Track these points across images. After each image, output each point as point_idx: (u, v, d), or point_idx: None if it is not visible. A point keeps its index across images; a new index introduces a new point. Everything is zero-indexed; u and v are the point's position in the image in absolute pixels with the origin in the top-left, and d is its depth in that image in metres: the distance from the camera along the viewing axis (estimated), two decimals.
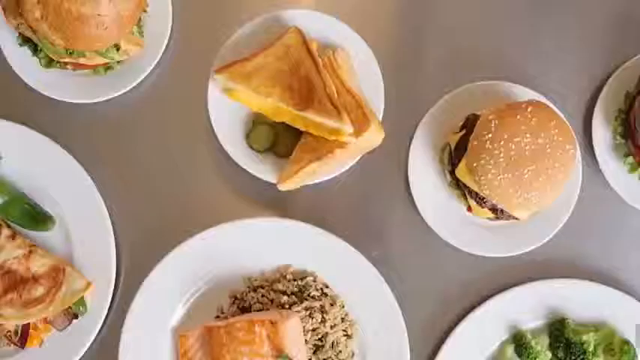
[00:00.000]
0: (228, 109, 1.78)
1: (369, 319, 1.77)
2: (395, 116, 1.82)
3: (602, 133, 1.82)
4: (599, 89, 1.83)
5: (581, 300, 1.79)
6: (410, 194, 1.79)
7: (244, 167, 1.77)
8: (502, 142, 1.65)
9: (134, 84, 1.79)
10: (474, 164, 1.67)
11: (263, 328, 1.68)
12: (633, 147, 1.79)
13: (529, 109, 1.67)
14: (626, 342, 1.76)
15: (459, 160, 1.72)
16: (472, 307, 1.79)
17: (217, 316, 1.78)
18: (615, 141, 1.80)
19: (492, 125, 1.66)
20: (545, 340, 1.79)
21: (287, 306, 1.75)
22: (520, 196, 1.66)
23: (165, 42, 1.80)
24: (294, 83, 1.72)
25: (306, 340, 1.74)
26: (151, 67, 1.79)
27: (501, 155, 1.65)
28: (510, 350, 1.78)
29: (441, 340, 1.78)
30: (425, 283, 1.81)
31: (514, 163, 1.65)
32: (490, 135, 1.66)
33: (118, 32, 1.70)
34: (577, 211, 1.79)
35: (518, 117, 1.66)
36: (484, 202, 1.72)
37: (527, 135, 1.65)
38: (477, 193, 1.72)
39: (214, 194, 1.82)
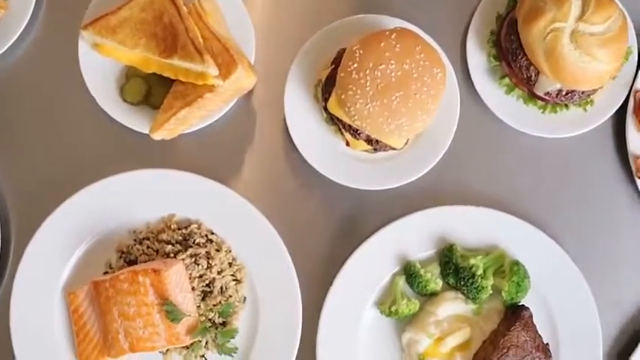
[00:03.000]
0: (100, 64, 1.78)
1: (257, 262, 1.77)
2: (269, 58, 1.82)
3: (477, 57, 1.81)
4: (472, 14, 1.82)
5: (469, 226, 1.79)
6: (289, 134, 1.78)
7: (121, 121, 1.77)
8: (367, 71, 1.64)
9: (5, 48, 1.78)
10: (342, 96, 1.66)
11: (146, 278, 1.68)
12: (507, 68, 1.78)
13: (393, 36, 1.66)
14: (516, 262, 1.76)
15: (330, 95, 1.72)
16: (362, 242, 1.79)
17: (106, 272, 1.78)
18: (490, 64, 1.80)
19: (357, 55, 1.66)
20: (436, 269, 1.78)
21: (172, 255, 1.75)
22: (391, 124, 1.65)
23: (33, 4, 1.79)
24: (158, 32, 1.71)
25: (193, 287, 1.74)
26: (20, 30, 1.79)
27: (368, 84, 1.64)
28: (401, 281, 1.78)
29: (333, 277, 1.78)
30: (313, 222, 1.81)
31: (381, 90, 1.64)
32: (355, 65, 1.65)
33: None
34: (458, 137, 1.78)
35: (382, 44, 1.65)
36: (358, 134, 1.72)
37: (392, 62, 1.64)
38: (350, 126, 1.71)
39: (94, 150, 1.81)
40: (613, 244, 1.83)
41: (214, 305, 1.75)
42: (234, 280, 1.77)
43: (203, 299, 1.75)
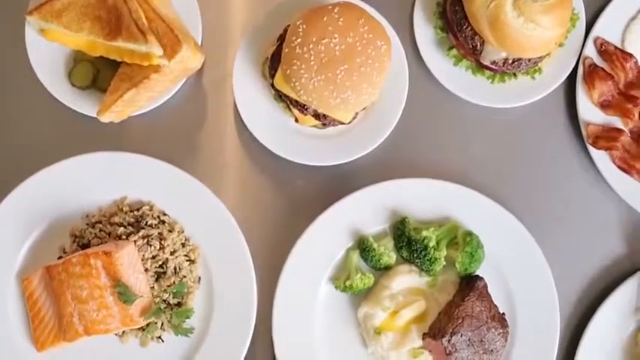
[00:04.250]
0: (47, 50, 1.77)
1: (210, 242, 1.77)
2: (217, 38, 1.83)
3: (424, 30, 1.81)
4: None
5: (422, 198, 1.79)
6: (240, 113, 1.78)
7: (70, 106, 1.77)
8: (311, 46, 1.64)
9: None
10: (288, 71, 1.66)
11: (98, 260, 1.68)
12: (454, 39, 1.78)
13: (336, 10, 1.66)
14: (469, 233, 1.75)
15: (277, 71, 1.72)
16: (315, 218, 1.78)
17: (60, 257, 1.78)
18: (437, 36, 1.80)
19: (300, 30, 1.66)
20: (390, 243, 1.78)
21: (124, 237, 1.75)
22: (336, 97, 1.65)
23: None
24: (102, 14, 1.71)
25: (147, 269, 1.74)
26: None
27: (312, 59, 1.64)
28: (355, 256, 1.77)
29: (287, 254, 1.77)
30: (266, 199, 1.81)
31: (325, 64, 1.64)
32: (299, 40, 1.65)
33: None
34: (408, 110, 1.78)
35: (325, 19, 1.65)
36: (306, 110, 1.72)
37: (336, 35, 1.64)
38: (297, 102, 1.71)
39: (44, 136, 1.81)
40: (567, 211, 1.83)
41: (168, 286, 1.75)
42: (187, 260, 1.77)
43: (157, 280, 1.75)
